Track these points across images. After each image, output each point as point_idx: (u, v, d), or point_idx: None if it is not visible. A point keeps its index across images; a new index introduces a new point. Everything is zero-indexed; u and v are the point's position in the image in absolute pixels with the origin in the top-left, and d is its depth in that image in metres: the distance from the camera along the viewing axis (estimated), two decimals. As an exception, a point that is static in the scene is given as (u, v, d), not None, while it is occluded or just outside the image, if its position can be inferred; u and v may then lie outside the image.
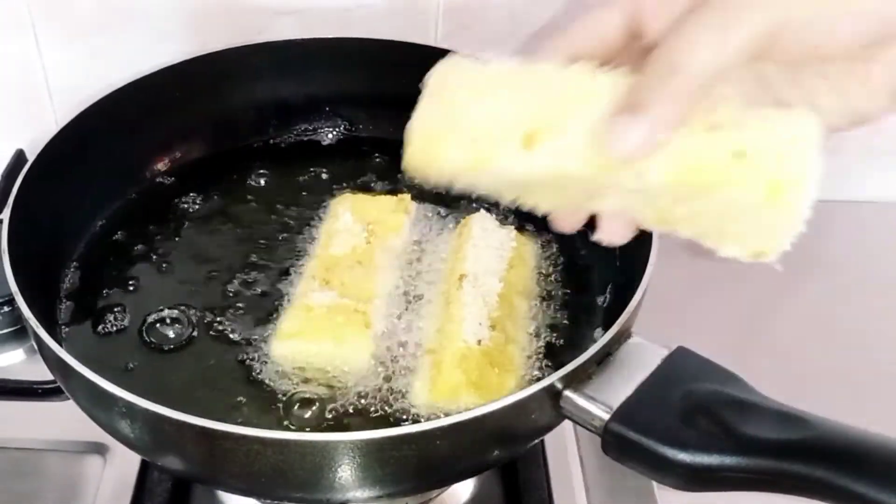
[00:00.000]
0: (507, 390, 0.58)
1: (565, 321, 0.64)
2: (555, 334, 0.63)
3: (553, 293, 0.66)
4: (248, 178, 0.76)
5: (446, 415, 0.51)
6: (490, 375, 0.58)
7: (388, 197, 0.71)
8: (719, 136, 0.41)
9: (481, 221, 0.68)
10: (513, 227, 0.69)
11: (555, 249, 0.69)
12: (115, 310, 0.64)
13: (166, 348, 0.62)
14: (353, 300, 0.62)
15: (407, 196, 0.70)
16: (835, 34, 0.40)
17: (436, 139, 0.44)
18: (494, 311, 0.61)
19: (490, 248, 0.66)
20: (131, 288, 0.66)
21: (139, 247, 0.69)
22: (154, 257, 0.69)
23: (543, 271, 0.68)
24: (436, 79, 0.45)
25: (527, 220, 0.70)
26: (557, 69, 0.44)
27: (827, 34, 0.40)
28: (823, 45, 0.40)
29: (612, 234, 0.47)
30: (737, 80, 0.43)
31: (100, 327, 0.63)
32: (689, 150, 0.41)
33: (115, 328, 0.63)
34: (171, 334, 0.63)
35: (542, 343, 0.63)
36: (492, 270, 0.64)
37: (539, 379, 0.54)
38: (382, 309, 0.63)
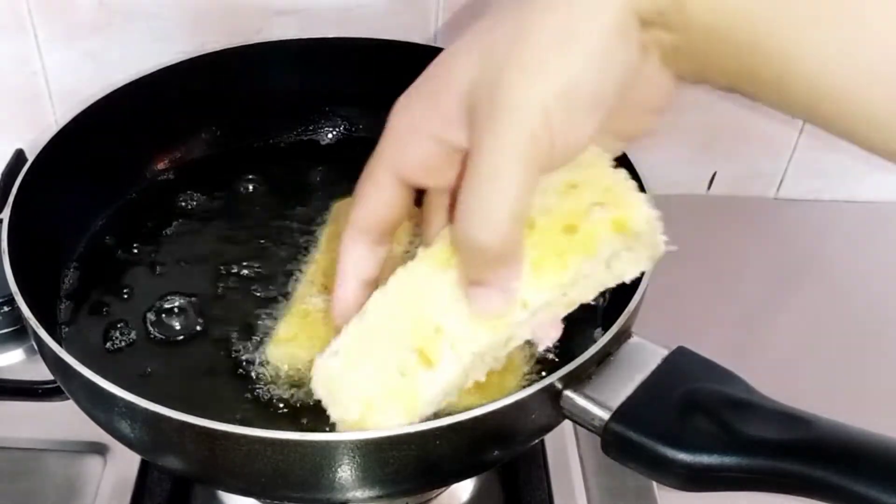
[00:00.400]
0: (507, 390, 0.58)
1: (565, 321, 0.64)
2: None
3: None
4: (248, 179, 0.76)
5: (447, 414, 0.51)
6: (490, 375, 0.58)
7: None
8: (543, 229, 0.43)
9: None
10: None
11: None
12: (115, 312, 0.64)
13: (163, 348, 0.62)
14: None
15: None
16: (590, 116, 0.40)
17: (365, 425, 0.47)
18: None
19: None
20: (130, 289, 0.66)
21: (139, 247, 0.69)
22: (154, 257, 0.68)
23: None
24: (320, 386, 0.49)
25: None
26: (384, 293, 0.47)
27: (584, 119, 0.40)
28: (585, 127, 0.41)
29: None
30: None
31: (100, 327, 0.63)
32: (537, 259, 0.43)
33: (114, 330, 0.63)
34: (172, 331, 0.63)
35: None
36: None
37: (539, 379, 0.54)
38: None
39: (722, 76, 0.40)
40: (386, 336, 0.47)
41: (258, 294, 0.65)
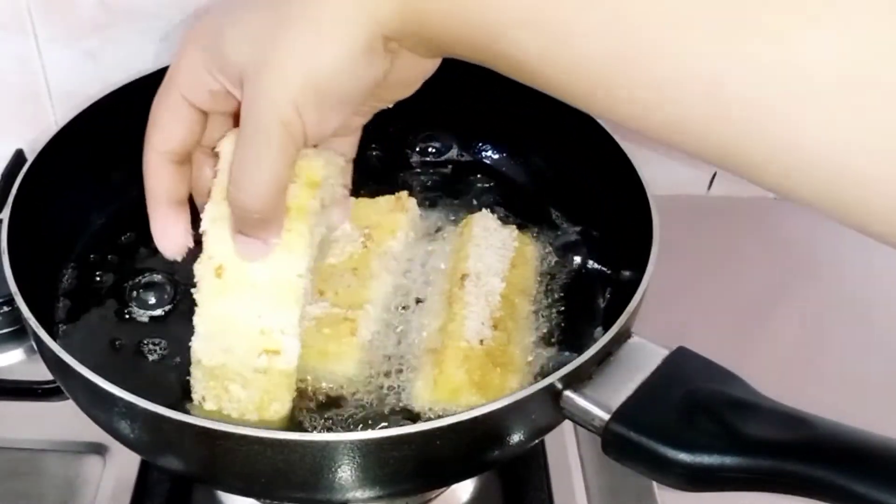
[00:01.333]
0: (509, 390, 0.58)
1: (565, 321, 0.64)
2: (555, 334, 0.63)
3: (554, 293, 0.66)
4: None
5: (449, 415, 0.51)
6: (492, 375, 0.58)
7: (387, 197, 0.69)
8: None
9: (483, 221, 0.68)
10: (514, 226, 0.68)
11: (555, 249, 0.69)
12: (115, 311, 0.64)
13: (157, 356, 0.62)
14: (344, 308, 0.61)
15: (404, 194, 0.69)
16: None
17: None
18: (497, 310, 0.61)
19: (492, 248, 0.65)
20: (130, 288, 0.66)
21: (139, 246, 0.69)
22: (153, 257, 0.68)
23: (544, 270, 0.68)
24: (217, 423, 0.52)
25: (528, 220, 0.71)
26: (204, 339, 0.53)
27: (331, 113, 0.46)
28: (333, 119, 0.46)
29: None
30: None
31: (100, 326, 0.63)
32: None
33: (114, 328, 0.63)
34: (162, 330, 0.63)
35: (542, 342, 0.63)
36: (494, 270, 0.64)
37: (541, 379, 0.54)
38: (374, 314, 0.62)
39: (467, 59, 0.45)
40: (231, 366, 0.52)
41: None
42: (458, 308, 0.61)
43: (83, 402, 0.55)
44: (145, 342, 0.62)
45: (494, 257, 0.65)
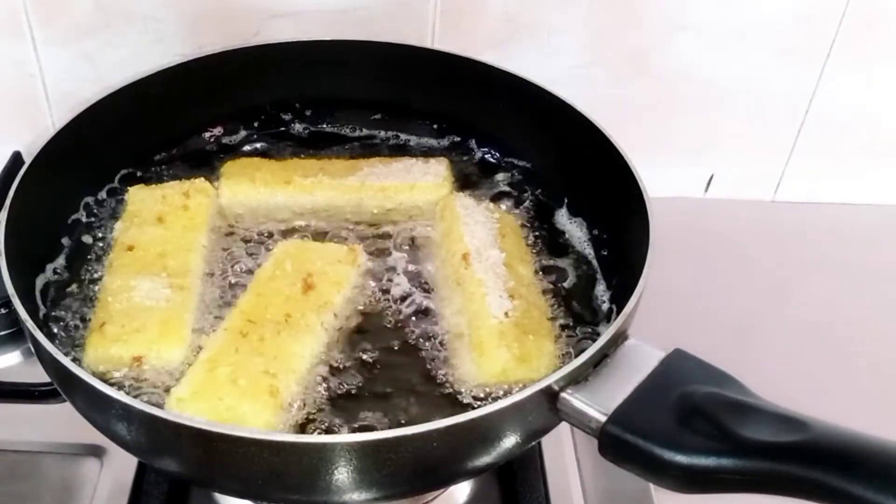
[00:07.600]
0: (548, 354, 0.59)
1: (563, 320, 0.64)
2: (554, 334, 0.63)
3: (553, 292, 0.66)
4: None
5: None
6: (528, 344, 0.58)
7: (337, 246, 0.66)
8: None
9: (461, 201, 0.69)
10: (488, 200, 0.70)
11: (553, 246, 0.70)
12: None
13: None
14: (268, 357, 0.57)
15: (357, 247, 0.66)
16: None
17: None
18: (507, 280, 0.62)
19: (479, 223, 0.67)
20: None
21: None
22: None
23: (544, 265, 0.68)
24: None
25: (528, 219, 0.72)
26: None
27: None
28: None
29: None
30: None
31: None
32: None
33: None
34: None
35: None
36: (489, 243, 0.65)
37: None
38: (300, 374, 0.58)
39: None
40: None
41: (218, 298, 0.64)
42: (472, 287, 0.62)
43: (80, 404, 0.55)
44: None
45: (483, 231, 0.66)
